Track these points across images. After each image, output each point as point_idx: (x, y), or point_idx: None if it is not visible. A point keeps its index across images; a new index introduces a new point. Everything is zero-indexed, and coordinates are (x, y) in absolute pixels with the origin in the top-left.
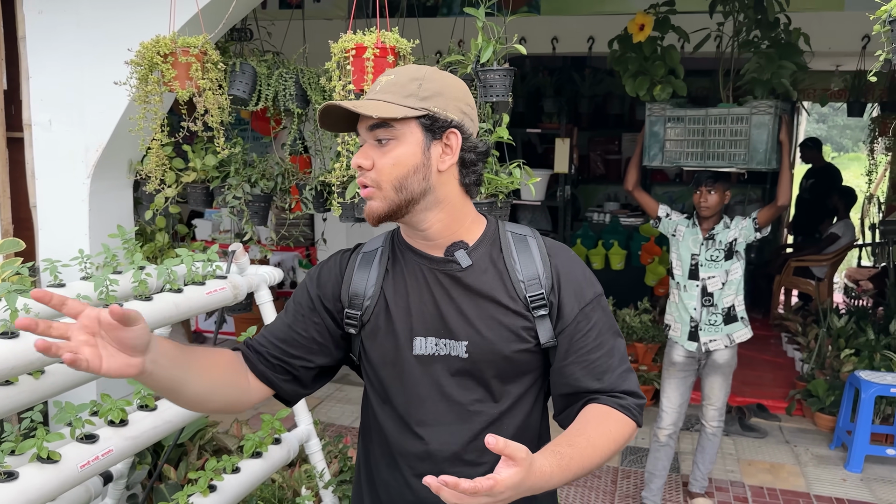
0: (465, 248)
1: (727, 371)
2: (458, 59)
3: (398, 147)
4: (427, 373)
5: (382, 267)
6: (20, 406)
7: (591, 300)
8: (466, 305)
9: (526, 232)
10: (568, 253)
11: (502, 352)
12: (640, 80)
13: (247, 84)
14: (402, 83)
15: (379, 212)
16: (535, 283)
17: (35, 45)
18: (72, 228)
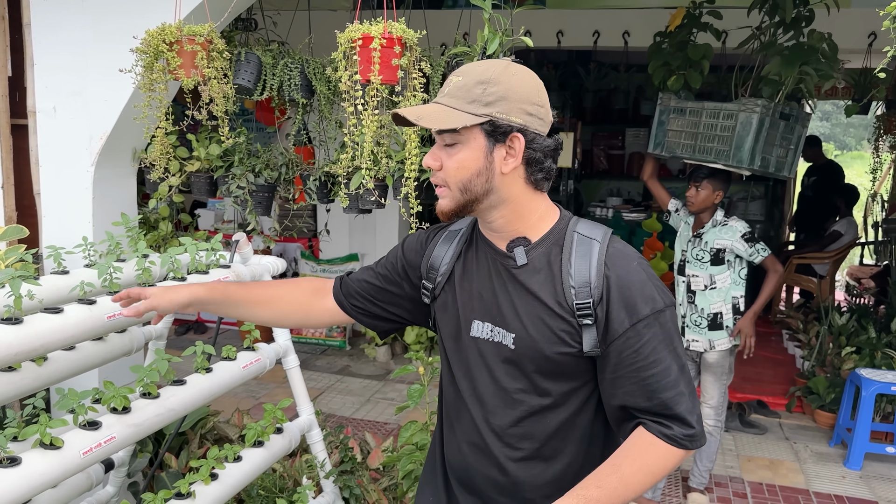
0: (526, 245)
1: (718, 372)
2: (463, 50)
3: (462, 151)
4: (481, 354)
5: (459, 247)
6: (23, 392)
7: (646, 317)
8: (518, 300)
9: (595, 235)
10: (629, 264)
11: (543, 351)
12: (659, 69)
13: (252, 74)
14: (468, 87)
15: (446, 209)
16: (585, 290)
17: (40, 32)
18: (75, 216)
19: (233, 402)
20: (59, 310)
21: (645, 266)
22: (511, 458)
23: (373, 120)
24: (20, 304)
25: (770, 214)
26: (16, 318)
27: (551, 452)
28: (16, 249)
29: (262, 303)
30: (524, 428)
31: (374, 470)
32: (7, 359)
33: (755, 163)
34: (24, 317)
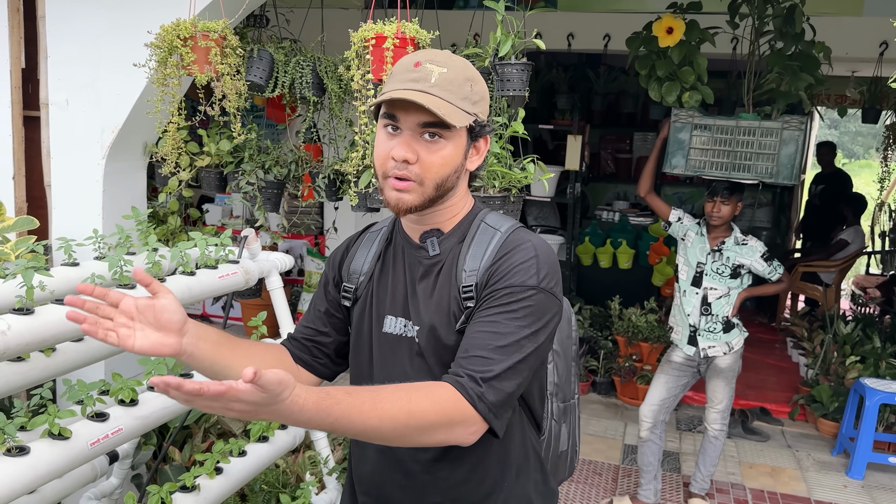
0: (438, 236)
1: (729, 375)
2: (475, 52)
3: (447, 147)
4: (394, 352)
5: (380, 246)
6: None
7: (511, 286)
8: (423, 292)
9: (500, 226)
10: (522, 245)
11: (442, 339)
12: (668, 85)
13: (264, 70)
14: (458, 81)
15: (412, 204)
16: (473, 274)
17: (54, 25)
18: (85, 208)
19: None
20: None
21: (542, 249)
22: (418, 461)
23: None
24: (32, 295)
25: (777, 221)
26: (27, 309)
27: (458, 452)
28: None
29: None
30: None
31: None
32: (19, 348)
33: (796, 178)
34: (35, 307)
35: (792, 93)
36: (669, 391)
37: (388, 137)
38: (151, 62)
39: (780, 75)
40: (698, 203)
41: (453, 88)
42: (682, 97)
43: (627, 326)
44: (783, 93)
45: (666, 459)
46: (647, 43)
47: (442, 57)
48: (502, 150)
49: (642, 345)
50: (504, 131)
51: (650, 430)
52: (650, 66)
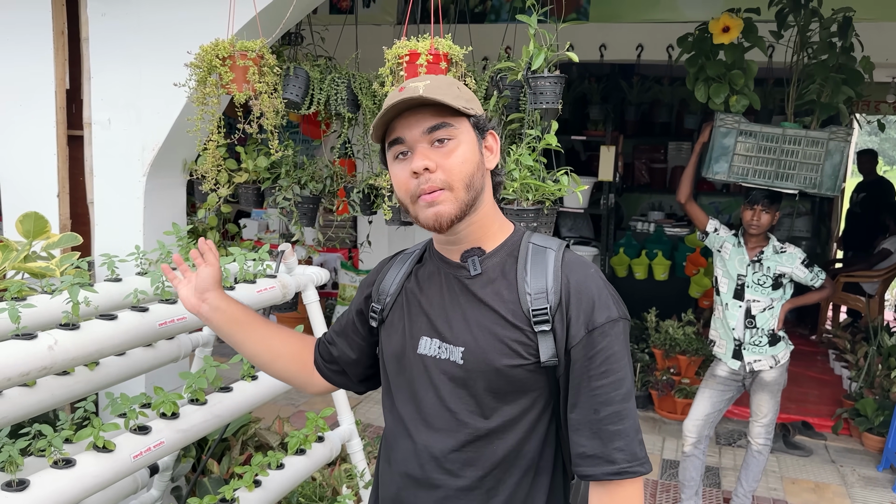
0: (480, 255)
1: (775, 389)
2: (508, 65)
3: (461, 145)
4: (427, 373)
5: (410, 267)
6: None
7: (601, 325)
8: (470, 313)
9: (550, 245)
10: (586, 270)
11: (494, 364)
12: (715, 87)
13: (300, 88)
14: (443, 86)
15: (451, 215)
16: (542, 297)
17: (97, 47)
18: (127, 225)
19: (273, 409)
20: (114, 316)
21: (601, 275)
22: (451, 487)
23: None
24: (78, 311)
25: (817, 231)
26: (73, 324)
27: (493, 484)
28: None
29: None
30: (468, 454)
31: None
32: (65, 363)
33: (838, 189)
34: (80, 322)
35: (833, 104)
36: (714, 406)
37: (402, 165)
38: (191, 81)
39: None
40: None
41: (443, 90)
42: (730, 100)
43: (664, 339)
44: (823, 104)
45: (706, 475)
46: (699, 43)
47: (424, 78)
48: (536, 162)
49: (680, 358)
50: (537, 144)
51: (694, 445)
52: (700, 65)
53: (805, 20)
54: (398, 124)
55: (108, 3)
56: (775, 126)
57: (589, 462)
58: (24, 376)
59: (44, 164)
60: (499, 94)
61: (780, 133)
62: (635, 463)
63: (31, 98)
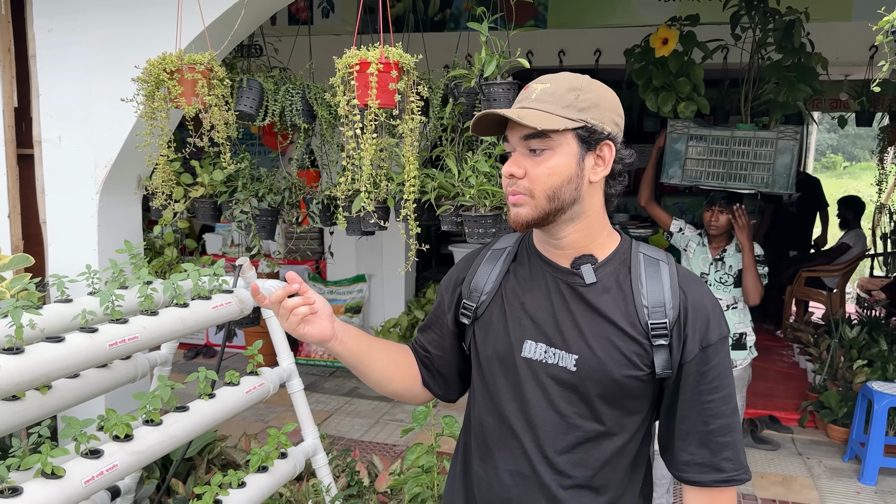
0: (593, 263)
1: (739, 385)
2: (462, 73)
3: (553, 157)
4: (533, 376)
5: (506, 265)
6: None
7: (715, 342)
8: (583, 320)
9: (660, 256)
10: (701, 287)
11: (611, 374)
12: (663, 95)
13: (253, 100)
14: (559, 93)
15: (527, 218)
16: (660, 310)
17: (45, 63)
18: (81, 244)
19: (241, 425)
20: (61, 338)
21: (711, 292)
22: (562, 486)
23: (371, 144)
24: (21, 334)
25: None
26: (17, 348)
27: (602, 481)
28: (21, 278)
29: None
30: (579, 455)
31: (381, 493)
32: (9, 389)
33: (793, 188)
34: (25, 346)
35: (789, 103)
36: None
37: (507, 162)
38: (139, 97)
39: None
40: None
41: (553, 99)
42: (678, 107)
43: None
44: (780, 103)
45: None
46: (644, 54)
47: (551, 76)
48: (493, 168)
49: None
50: (493, 150)
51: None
52: (647, 76)
53: (762, 23)
54: (510, 124)
55: (54, 20)
56: (724, 128)
57: (697, 469)
58: None
59: None
60: (454, 102)
61: (728, 135)
62: (741, 471)
63: None
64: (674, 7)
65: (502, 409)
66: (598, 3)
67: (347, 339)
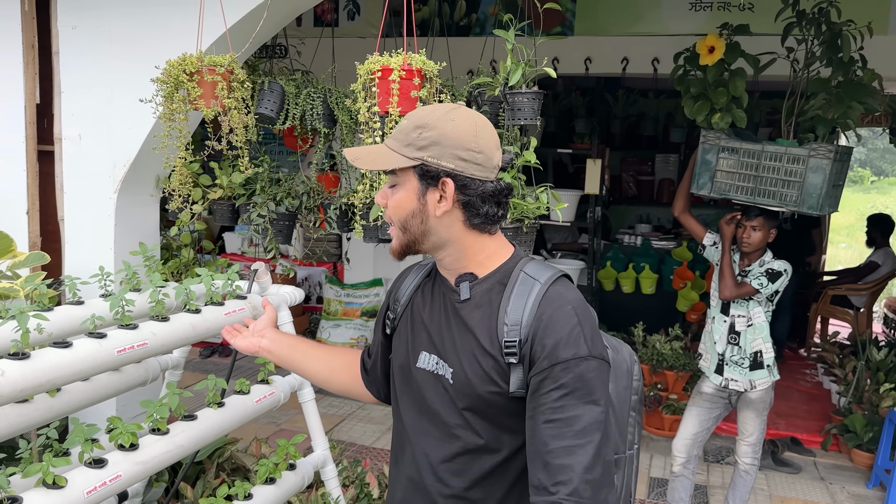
0: (472, 280)
1: (760, 407)
2: (486, 80)
3: (398, 191)
4: (426, 386)
5: (420, 279)
6: (35, 424)
7: (565, 361)
8: (458, 336)
9: (540, 277)
10: (564, 306)
11: (476, 389)
12: (699, 104)
13: (274, 103)
14: (406, 130)
15: (394, 247)
16: (516, 329)
17: (67, 60)
18: (97, 243)
19: (253, 428)
20: (69, 344)
21: (582, 311)
22: (442, 495)
23: None
24: (27, 339)
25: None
26: (23, 353)
27: (481, 495)
28: (35, 277)
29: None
30: (458, 465)
31: None
32: (13, 395)
33: (823, 209)
34: (31, 351)
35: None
36: (702, 424)
37: None
38: (158, 97)
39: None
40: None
41: (400, 136)
42: (713, 118)
43: (652, 354)
44: (827, 120)
45: (693, 493)
46: (689, 61)
47: (418, 111)
48: (514, 179)
49: (667, 373)
50: (516, 161)
51: (683, 465)
52: (686, 83)
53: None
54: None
55: (78, 16)
56: (755, 142)
57: (535, 492)
58: None
59: (14, 180)
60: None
61: (759, 149)
62: (575, 498)
63: (0, 113)
64: (704, 17)
65: (403, 416)
66: (626, 11)
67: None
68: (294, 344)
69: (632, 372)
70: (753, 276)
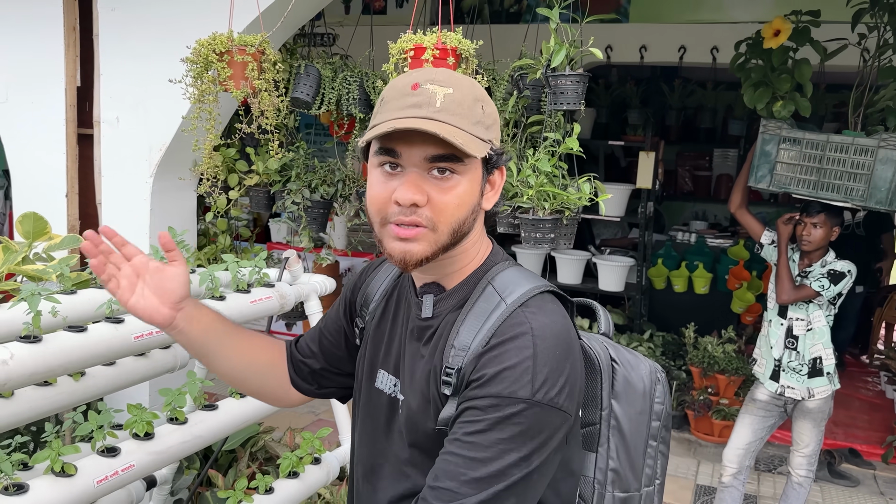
0: (437, 293)
1: (818, 418)
2: (528, 63)
3: (462, 184)
4: (381, 410)
5: (392, 281)
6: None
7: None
8: (411, 358)
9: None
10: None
11: (419, 423)
12: (760, 91)
13: (310, 87)
14: (467, 104)
15: (424, 256)
16: (460, 355)
17: (106, 43)
18: (134, 227)
19: (289, 416)
20: (83, 328)
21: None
22: None
23: None
24: (38, 322)
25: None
26: (34, 337)
27: None
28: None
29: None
30: None
31: None
32: (23, 379)
33: (893, 204)
34: (44, 335)
35: None
36: (755, 433)
37: (385, 177)
38: (188, 78)
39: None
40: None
41: (463, 112)
42: (774, 106)
43: (703, 356)
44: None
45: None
46: (753, 47)
47: (443, 76)
48: (555, 168)
49: (718, 377)
50: (557, 148)
51: (734, 475)
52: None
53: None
54: (399, 135)
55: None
56: (819, 133)
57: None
58: None
59: (55, 163)
60: (518, 95)
61: (824, 140)
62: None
63: (42, 96)
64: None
65: (357, 440)
66: None
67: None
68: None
69: (650, 394)
70: (814, 277)
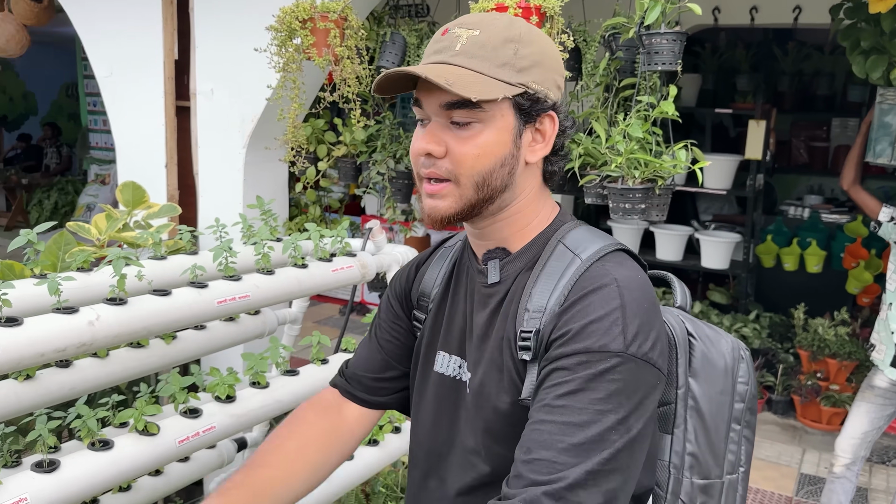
0: (503, 258)
1: None
2: (620, 21)
3: (484, 132)
4: (444, 396)
5: (451, 264)
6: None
7: (587, 351)
8: (479, 330)
9: (582, 249)
10: (604, 287)
11: (492, 400)
12: (873, 59)
13: (396, 55)
14: (493, 45)
15: (449, 213)
16: (536, 316)
17: (201, 15)
18: (228, 197)
19: None
20: (167, 292)
21: (631, 294)
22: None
23: None
24: (123, 285)
25: None
26: (119, 299)
27: None
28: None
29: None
30: (478, 500)
31: None
32: (108, 340)
33: None
34: (129, 298)
35: None
36: (872, 423)
37: (418, 131)
38: (272, 47)
39: None
40: None
41: (485, 53)
42: (891, 74)
43: (813, 339)
44: None
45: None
46: (854, 11)
47: (475, 19)
48: (648, 134)
49: (829, 361)
50: (651, 112)
51: (847, 466)
52: (854, 35)
53: None
54: (422, 84)
55: None
56: None
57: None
58: (59, 352)
59: (154, 134)
60: (610, 56)
61: None
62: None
63: (143, 69)
64: None
65: (417, 432)
66: None
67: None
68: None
69: (734, 372)
70: None
